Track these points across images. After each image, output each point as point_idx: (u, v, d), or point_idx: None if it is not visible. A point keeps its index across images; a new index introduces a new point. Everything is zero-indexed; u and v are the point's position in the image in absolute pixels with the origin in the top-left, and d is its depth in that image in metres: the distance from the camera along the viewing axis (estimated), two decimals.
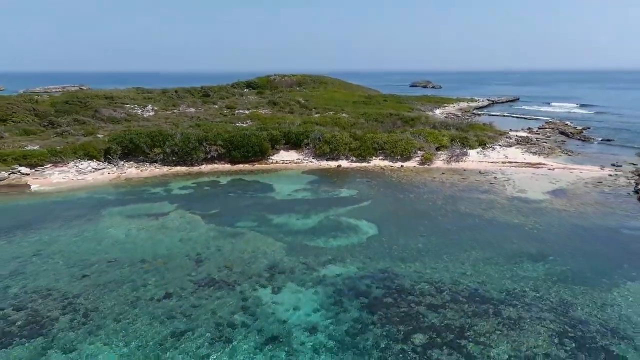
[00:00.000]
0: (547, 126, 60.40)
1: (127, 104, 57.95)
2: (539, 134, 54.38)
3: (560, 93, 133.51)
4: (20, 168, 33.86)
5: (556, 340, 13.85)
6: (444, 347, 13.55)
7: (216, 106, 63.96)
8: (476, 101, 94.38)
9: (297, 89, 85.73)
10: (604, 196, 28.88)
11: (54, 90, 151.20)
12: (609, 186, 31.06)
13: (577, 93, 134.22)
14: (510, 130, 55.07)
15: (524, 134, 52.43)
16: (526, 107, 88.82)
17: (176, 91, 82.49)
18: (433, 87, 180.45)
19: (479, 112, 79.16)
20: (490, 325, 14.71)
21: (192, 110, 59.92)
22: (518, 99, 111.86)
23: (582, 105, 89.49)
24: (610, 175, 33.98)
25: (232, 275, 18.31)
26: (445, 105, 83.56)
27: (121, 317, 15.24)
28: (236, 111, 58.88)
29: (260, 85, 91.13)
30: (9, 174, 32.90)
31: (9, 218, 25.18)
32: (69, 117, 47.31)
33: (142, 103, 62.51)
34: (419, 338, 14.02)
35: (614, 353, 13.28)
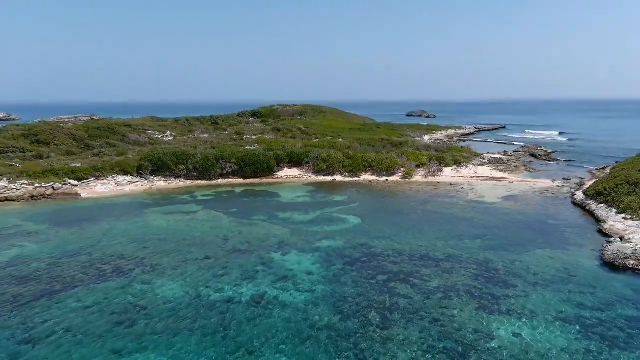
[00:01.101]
0: (521, 150, 67.81)
1: (148, 130, 65.60)
2: (511, 156, 61.65)
3: (545, 122, 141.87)
4: (70, 181, 41.01)
5: (474, 278, 20.61)
6: (398, 282, 20.30)
7: (226, 132, 71.63)
8: (463, 129, 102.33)
9: (299, 117, 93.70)
10: (545, 200, 35.90)
11: (67, 119, 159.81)
12: (552, 193, 38.09)
13: (561, 122, 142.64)
14: (488, 152, 62.41)
15: (498, 156, 59.69)
16: (508, 135, 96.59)
17: (187, 120, 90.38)
18: (428, 116, 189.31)
19: (464, 139, 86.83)
20: (431, 271, 21.49)
21: (206, 135, 67.55)
22: (505, 127, 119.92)
23: (561, 133, 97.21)
24: (557, 186, 41.03)
25: (252, 246, 25.18)
26: (434, 132, 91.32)
27: (177, 268, 22.06)
28: (244, 136, 66.44)
29: (264, 115, 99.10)
30: (62, 185, 40.05)
31: (73, 215, 32.19)
32: (102, 141, 54.80)
33: (161, 130, 70.18)
34: (381, 277, 20.81)
35: (510, 283, 20.02)
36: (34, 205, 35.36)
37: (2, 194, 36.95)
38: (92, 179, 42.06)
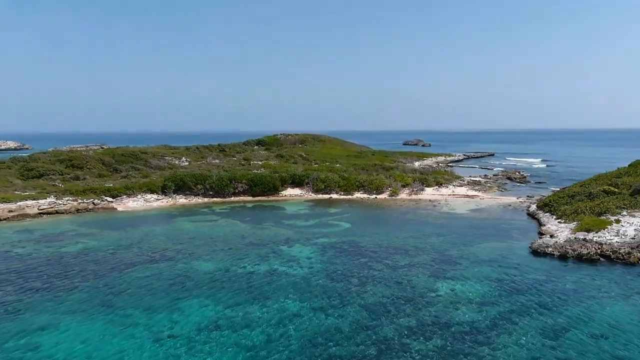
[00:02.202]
0: (500, 174, 75.32)
1: (166, 157, 73.36)
2: (490, 179, 69.08)
3: (532, 150, 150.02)
4: (106, 197, 48.40)
5: (431, 260, 27.62)
6: (374, 262, 27.33)
7: (235, 158, 79.39)
8: (452, 156, 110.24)
9: (300, 145, 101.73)
10: (505, 211, 43.12)
11: (79, 148, 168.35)
12: (514, 207, 45.30)
13: (548, 150, 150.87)
14: (469, 176, 69.88)
15: (478, 179, 67.14)
16: (493, 161, 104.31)
17: (197, 147, 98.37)
18: (423, 145, 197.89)
19: (452, 165, 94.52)
20: (401, 256, 28.56)
21: (217, 161, 75.28)
22: (493, 154, 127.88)
23: (543, 160, 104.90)
24: (520, 201, 48.25)
25: (264, 242, 32.32)
26: (424, 158, 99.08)
27: (208, 254, 29.15)
28: (252, 162, 74.12)
29: (268, 143, 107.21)
30: (101, 201, 47.39)
31: (115, 222, 39.42)
32: (127, 165, 62.43)
33: (176, 156, 77.96)
34: (363, 259, 27.87)
35: (457, 262, 27.03)
36: (80, 216, 42.62)
37: (53, 207, 44.27)
38: (124, 196, 49.44)
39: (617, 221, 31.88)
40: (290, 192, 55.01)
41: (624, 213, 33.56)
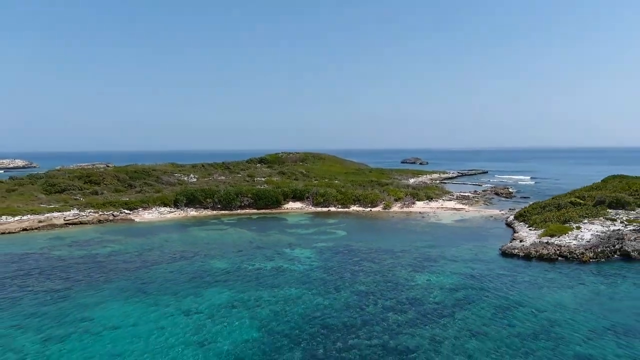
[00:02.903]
0: (489, 190, 79.97)
1: (176, 174, 78.21)
2: (479, 194, 73.70)
3: (525, 168, 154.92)
4: (124, 210, 53.05)
5: (414, 259, 32.11)
6: (365, 261, 31.82)
7: (240, 175, 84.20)
8: (447, 173, 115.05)
9: (300, 163, 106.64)
10: (486, 221, 47.69)
11: (86, 166, 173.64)
12: (495, 218, 49.86)
13: (538, 168, 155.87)
14: (460, 192, 74.51)
15: (467, 194, 71.76)
16: (485, 179, 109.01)
17: (203, 165, 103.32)
18: (421, 163, 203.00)
19: (445, 181, 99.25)
20: (388, 256, 33.05)
21: (223, 177, 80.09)
22: (487, 172, 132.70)
23: (532, 177, 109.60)
24: (502, 213, 52.80)
25: (270, 245, 36.87)
26: (420, 175, 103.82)
27: (222, 255, 33.66)
28: (255, 178, 78.91)
29: (270, 161, 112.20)
30: (119, 213, 52.03)
31: (136, 231, 44.01)
32: (141, 181, 67.21)
33: (184, 173, 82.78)
34: (355, 259, 32.36)
35: (436, 261, 31.50)
36: (102, 226, 47.22)
37: (77, 218, 48.91)
38: (140, 209, 54.09)
39: (578, 227, 36.46)
40: (292, 205, 59.62)
41: (585, 221, 38.15)
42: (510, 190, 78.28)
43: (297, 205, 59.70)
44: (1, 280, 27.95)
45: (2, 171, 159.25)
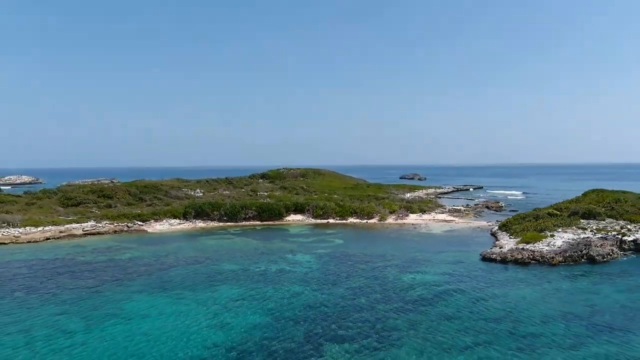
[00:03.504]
0: (480, 203, 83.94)
1: (183, 188, 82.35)
2: (471, 207, 77.64)
3: (519, 184, 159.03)
4: (137, 222, 57.03)
5: (403, 262, 35.94)
6: (359, 264, 35.71)
7: (243, 190, 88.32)
8: (442, 188, 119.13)
9: (301, 178, 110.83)
10: (473, 231, 51.60)
11: (90, 182, 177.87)
12: (482, 229, 53.76)
13: (532, 183, 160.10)
14: (453, 205, 78.45)
15: (459, 207, 75.71)
16: (479, 194, 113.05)
17: (207, 180, 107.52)
18: (419, 179, 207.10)
19: (440, 196, 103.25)
20: (380, 260, 36.93)
21: (227, 192, 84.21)
22: (482, 187, 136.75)
23: (524, 192, 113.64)
24: (489, 224, 56.70)
25: (273, 252, 40.77)
26: (416, 190, 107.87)
27: (230, 259, 37.54)
28: (258, 193, 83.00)
29: (272, 176, 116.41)
30: (133, 224, 56.00)
31: (150, 240, 47.95)
32: (151, 195, 71.31)
33: (189, 188, 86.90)
34: (350, 262, 36.25)
35: (422, 263, 35.36)
36: (119, 236, 51.14)
37: (94, 229, 52.86)
38: (152, 221, 58.06)
39: (552, 235, 40.39)
40: (293, 217, 63.58)
41: (559, 230, 42.09)
42: (501, 204, 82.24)
43: (298, 217, 63.64)
44: (39, 279, 31.86)
45: (9, 187, 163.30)
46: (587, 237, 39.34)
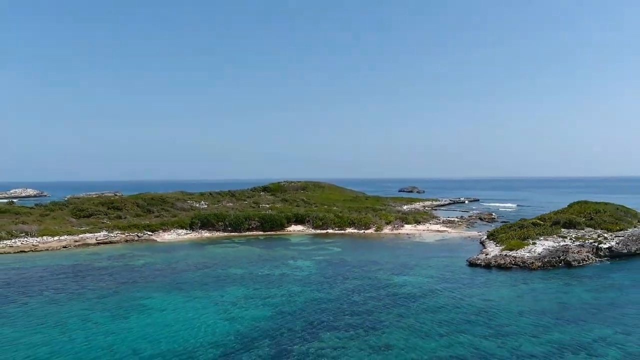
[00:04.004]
0: (474, 215, 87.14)
1: (188, 201, 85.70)
2: (464, 219, 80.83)
3: (515, 197, 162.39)
4: (146, 232, 60.30)
5: (395, 266, 39.15)
6: (355, 269, 38.90)
7: (246, 202, 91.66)
8: (439, 201, 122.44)
9: (301, 191, 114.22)
10: (464, 240, 54.79)
11: (95, 195, 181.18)
12: (472, 238, 56.95)
13: (527, 196, 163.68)
14: (448, 217, 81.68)
15: (453, 218, 78.90)
16: (475, 206, 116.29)
17: (210, 193, 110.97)
18: (418, 192, 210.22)
19: (436, 208, 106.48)
20: (374, 265, 40.10)
21: (231, 204, 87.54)
22: (478, 199, 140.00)
23: (519, 205, 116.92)
24: (479, 234, 59.86)
25: (276, 258, 43.98)
26: (413, 203, 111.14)
27: (237, 265, 40.77)
28: (260, 205, 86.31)
29: (273, 189, 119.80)
30: (143, 234, 59.26)
31: (160, 249, 51.18)
32: (158, 207, 74.66)
33: (194, 200, 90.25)
34: (347, 267, 39.44)
35: (413, 267, 38.54)
36: (130, 245, 54.38)
37: (107, 239, 56.13)
38: (160, 231, 61.33)
39: (534, 243, 43.63)
40: (294, 227, 66.82)
41: (541, 238, 45.31)
42: (493, 215, 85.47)
43: (299, 227, 66.88)
44: (63, 281, 35.09)
45: (16, 200, 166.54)
46: (566, 245, 42.56)
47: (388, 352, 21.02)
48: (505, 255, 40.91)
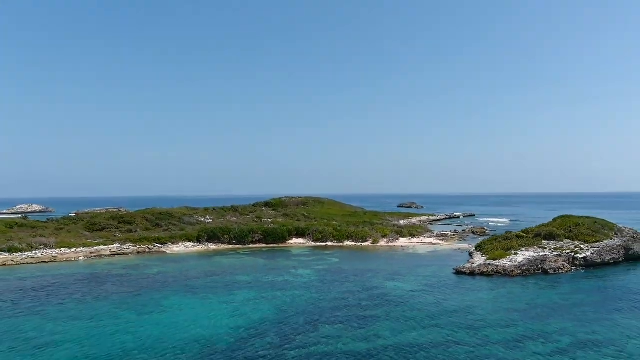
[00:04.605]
0: (467, 229, 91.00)
1: (194, 215, 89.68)
2: (458, 232, 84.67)
3: (510, 212, 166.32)
4: (156, 244, 64.17)
5: (388, 273, 42.98)
6: (351, 276, 42.73)
7: (249, 217, 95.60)
8: (435, 216, 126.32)
9: (302, 206, 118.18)
10: (454, 252, 58.65)
11: (99, 211, 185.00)
12: (462, 250, 60.79)
13: (522, 212, 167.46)
14: (442, 231, 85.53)
15: (447, 232, 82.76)
16: (469, 220, 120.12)
17: (214, 208, 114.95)
18: (416, 207, 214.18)
19: (432, 223, 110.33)
20: (369, 273, 43.93)
21: (235, 219, 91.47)
22: (473, 215, 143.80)
23: (512, 220, 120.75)
24: (469, 247, 63.68)
25: (279, 268, 47.84)
26: (410, 218, 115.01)
27: (243, 273, 44.62)
28: (263, 219, 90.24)
29: (274, 204, 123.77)
30: (153, 246, 63.13)
31: (171, 260, 55.05)
32: (166, 221, 78.63)
33: (199, 215, 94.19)
34: (344, 275, 43.30)
35: (404, 275, 42.39)
36: (142, 256, 58.24)
37: (120, 250, 60.03)
38: (169, 244, 65.22)
39: (516, 253, 47.53)
40: (295, 241, 70.69)
41: (523, 249, 49.23)
42: (485, 229, 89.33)
43: (300, 240, 70.75)
44: (87, 286, 38.96)
45: (20, 216, 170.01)
46: (545, 255, 46.47)
47: (377, 340, 24.88)
48: (489, 264, 44.79)
